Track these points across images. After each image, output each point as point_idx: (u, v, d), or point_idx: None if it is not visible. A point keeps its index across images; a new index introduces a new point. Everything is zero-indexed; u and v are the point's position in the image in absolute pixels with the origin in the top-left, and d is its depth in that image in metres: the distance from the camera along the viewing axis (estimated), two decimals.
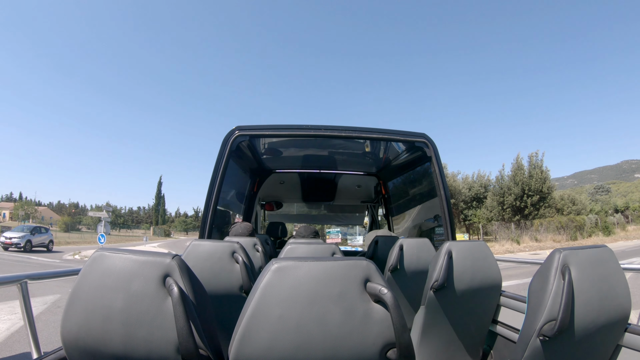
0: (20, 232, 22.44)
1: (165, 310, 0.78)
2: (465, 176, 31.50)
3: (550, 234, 26.10)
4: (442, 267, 1.69)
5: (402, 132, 2.81)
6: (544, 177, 26.90)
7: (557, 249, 1.28)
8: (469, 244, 1.84)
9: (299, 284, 0.73)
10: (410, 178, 4.08)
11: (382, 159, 4.16)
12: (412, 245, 2.35)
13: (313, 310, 0.72)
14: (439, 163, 2.83)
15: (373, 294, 0.73)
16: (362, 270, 0.75)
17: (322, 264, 0.75)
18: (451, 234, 2.79)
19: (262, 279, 0.74)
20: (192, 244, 1.73)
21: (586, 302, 1.24)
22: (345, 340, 0.72)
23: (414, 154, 3.43)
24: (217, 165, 2.64)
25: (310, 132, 2.72)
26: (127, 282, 0.80)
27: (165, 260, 0.82)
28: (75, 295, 0.82)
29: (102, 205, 23.60)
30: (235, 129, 2.68)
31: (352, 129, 2.72)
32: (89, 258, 0.86)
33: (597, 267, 1.31)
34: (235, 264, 1.69)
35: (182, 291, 0.77)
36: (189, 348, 0.74)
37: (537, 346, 1.21)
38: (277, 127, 2.73)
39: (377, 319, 0.73)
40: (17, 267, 13.54)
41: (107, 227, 19.92)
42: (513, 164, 27.88)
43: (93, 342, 0.79)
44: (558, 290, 1.20)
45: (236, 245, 1.72)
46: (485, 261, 1.84)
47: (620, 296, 1.33)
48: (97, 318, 0.79)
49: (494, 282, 1.86)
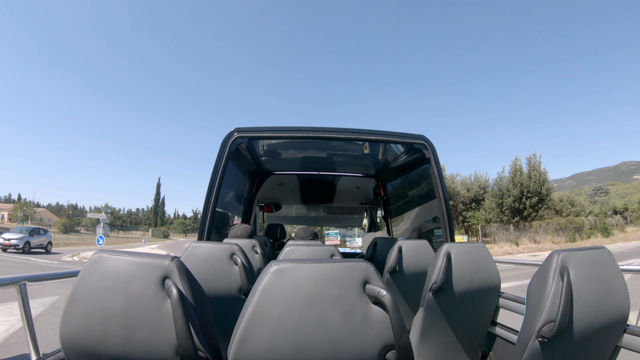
0: (19, 233, 22.24)
1: (164, 312, 0.78)
2: (463, 178, 31.57)
3: (549, 235, 26.13)
4: (441, 269, 1.69)
5: (401, 134, 2.82)
6: (542, 178, 26.95)
7: (556, 250, 1.29)
8: (468, 246, 1.84)
9: (297, 285, 0.73)
10: (409, 180, 4.08)
11: (380, 160, 4.17)
12: (411, 247, 2.35)
13: (312, 312, 0.72)
14: (438, 165, 2.83)
15: (372, 296, 0.73)
16: (361, 272, 0.76)
17: (321, 266, 0.75)
18: (450, 235, 2.79)
19: (261, 280, 0.74)
20: (191, 245, 1.72)
21: (585, 304, 1.24)
22: (344, 342, 0.72)
23: (413, 155, 3.43)
24: (216, 167, 2.64)
25: (309, 133, 2.72)
26: (126, 284, 0.80)
27: (164, 262, 0.82)
28: (74, 296, 0.81)
29: (101, 207, 23.42)
30: (234, 130, 2.68)
31: (350, 131, 2.73)
32: (87, 260, 0.86)
33: (596, 268, 1.31)
34: (234, 265, 1.69)
35: (181, 293, 0.77)
36: (188, 350, 0.74)
37: (536, 347, 1.21)
38: (275, 129, 2.74)
39: (376, 320, 0.73)
40: (15, 269, 13.49)
41: (105, 228, 19.85)
42: (511, 166, 27.94)
43: (92, 344, 0.79)
44: (557, 292, 1.20)
45: (235, 247, 1.72)
46: (484, 263, 1.85)
47: (619, 297, 1.34)
48: (96, 320, 0.79)
49: (493, 283, 1.86)
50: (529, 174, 27.06)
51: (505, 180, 28.06)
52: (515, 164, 27.72)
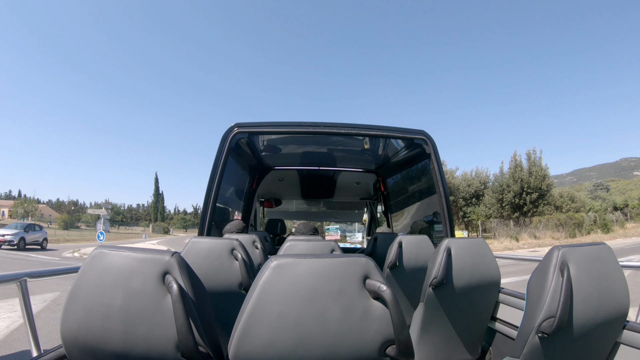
0: (14, 229, 21.57)
1: (164, 308, 0.78)
2: (464, 172, 31.56)
3: (549, 231, 26.17)
4: (441, 264, 1.69)
5: (401, 129, 2.81)
6: (543, 174, 26.93)
7: (556, 246, 1.29)
8: (468, 241, 1.84)
9: (298, 281, 0.73)
10: (409, 175, 4.08)
11: (381, 155, 4.16)
12: (411, 242, 2.35)
13: (312, 307, 0.72)
14: (438, 160, 2.83)
15: (372, 291, 0.73)
16: (361, 267, 0.76)
17: (321, 261, 0.75)
18: (450, 231, 2.79)
19: (262, 276, 0.74)
20: (191, 241, 1.73)
21: (585, 299, 1.24)
22: (345, 337, 0.72)
23: (413, 150, 3.43)
24: (216, 162, 2.64)
25: (309, 129, 2.71)
26: (126, 280, 0.80)
27: (165, 257, 0.82)
28: (75, 293, 0.81)
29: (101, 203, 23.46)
30: (234, 125, 2.68)
31: (351, 126, 2.72)
32: (88, 256, 0.85)
33: (596, 264, 1.31)
34: (235, 261, 1.69)
35: (181, 288, 0.77)
36: (188, 345, 0.74)
37: (535, 343, 1.22)
38: (276, 124, 2.73)
39: (376, 315, 0.73)
40: (16, 265, 13.54)
41: (106, 224, 19.84)
42: (511, 162, 27.90)
43: (93, 340, 0.79)
44: (557, 288, 1.20)
45: (235, 242, 1.72)
46: (484, 258, 1.85)
47: (618, 293, 1.34)
48: (97, 316, 0.79)
49: (493, 279, 1.87)
50: (529, 170, 27.03)
51: (506, 176, 28.04)
52: (515, 159, 27.68)
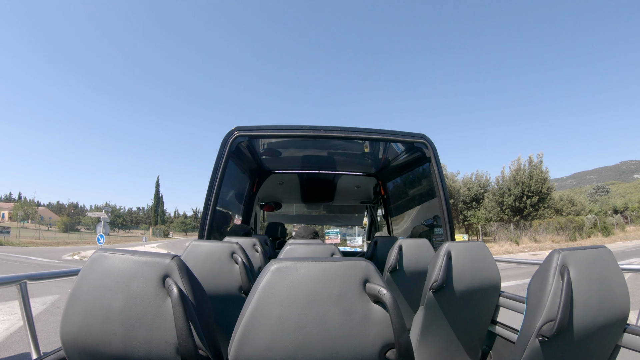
0: None
1: (164, 311, 0.78)
2: (464, 176, 31.54)
3: (550, 234, 26.10)
4: (441, 268, 1.69)
5: (401, 133, 2.82)
6: (543, 177, 26.91)
7: (556, 249, 1.28)
8: (468, 245, 1.84)
9: (298, 284, 0.73)
10: (410, 178, 4.08)
11: (381, 159, 4.17)
12: (411, 246, 2.35)
13: (312, 311, 0.72)
14: (438, 163, 2.83)
15: (372, 295, 0.73)
16: (361, 271, 0.75)
17: (321, 265, 0.75)
18: (450, 234, 2.79)
19: (262, 279, 0.74)
20: (191, 244, 1.73)
21: (585, 303, 1.24)
22: (345, 340, 0.72)
23: (413, 154, 3.43)
24: (216, 166, 2.64)
25: (310, 132, 2.72)
26: (126, 283, 0.80)
27: (165, 260, 0.82)
28: (75, 295, 0.81)
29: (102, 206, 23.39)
30: (234, 129, 2.68)
31: (351, 130, 2.72)
32: (88, 258, 0.86)
33: (596, 267, 1.31)
34: (235, 264, 1.69)
35: (181, 292, 0.77)
36: (188, 348, 0.74)
37: (536, 346, 1.21)
38: (276, 128, 2.73)
39: (377, 319, 0.73)
40: (16, 267, 13.51)
41: (106, 227, 19.81)
42: (512, 165, 27.90)
43: (92, 343, 0.79)
44: (557, 291, 1.20)
45: (235, 245, 1.72)
46: (485, 262, 1.84)
47: (619, 297, 1.33)
48: (97, 319, 0.79)
49: (493, 282, 1.86)
50: (530, 173, 27.02)
51: (507, 179, 28.02)
52: (518, 162, 27.68)
